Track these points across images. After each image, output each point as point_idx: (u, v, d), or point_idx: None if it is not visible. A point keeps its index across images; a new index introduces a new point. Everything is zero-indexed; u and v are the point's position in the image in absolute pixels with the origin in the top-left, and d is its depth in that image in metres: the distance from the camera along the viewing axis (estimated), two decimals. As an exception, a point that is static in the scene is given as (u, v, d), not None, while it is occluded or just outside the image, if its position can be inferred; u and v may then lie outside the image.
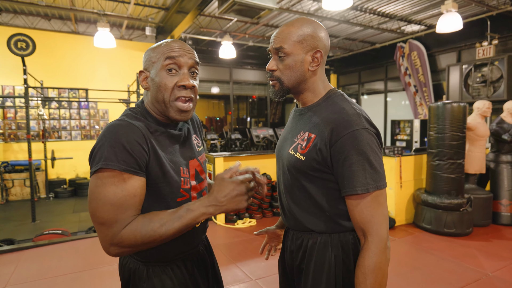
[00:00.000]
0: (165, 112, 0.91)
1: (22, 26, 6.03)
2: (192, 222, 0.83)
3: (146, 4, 5.67)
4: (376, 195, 0.86)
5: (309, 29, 0.93)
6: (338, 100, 0.95)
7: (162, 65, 0.88)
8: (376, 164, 0.86)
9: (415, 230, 3.85)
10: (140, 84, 0.94)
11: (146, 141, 0.84)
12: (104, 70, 6.76)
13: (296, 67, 0.94)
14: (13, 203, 5.76)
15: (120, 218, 0.79)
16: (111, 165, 0.78)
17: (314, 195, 0.94)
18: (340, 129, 0.86)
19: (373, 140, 0.87)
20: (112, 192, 0.78)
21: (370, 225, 0.85)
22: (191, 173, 0.97)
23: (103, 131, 0.83)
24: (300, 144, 0.95)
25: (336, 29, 6.95)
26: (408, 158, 4.06)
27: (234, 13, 4.56)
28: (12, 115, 6.10)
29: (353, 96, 9.73)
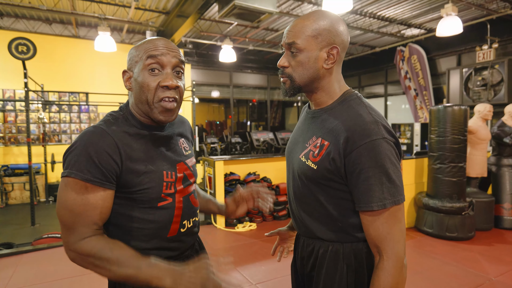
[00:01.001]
0: (149, 113, 0.87)
1: (23, 30, 6.05)
2: (145, 280, 0.77)
3: (146, 9, 5.69)
4: (393, 211, 0.79)
5: (325, 22, 0.84)
6: (355, 104, 0.87)
7: (144, 65, 0.84)
8: (395, 177, 0.79)
9: (417, 234, 3.82)
10: (124, 84, 0.90)
11: (118, 150, 0.81)
12: (104, 74, 6.77)
13: (310, 64, 0.85)
14: (12, 206, 5.74)
15: (78, 228, 0.78)
16: (74, 174, 0.77)
17: (325, 205, 0.89)
18: (356, 138, 0.79)
19: (392, 151, 0.80)
20: (73, 199, 0.78)
21: (386, 242, 0.79)
22: (178, 176, 0.92)
23: (78, 137, 0.81)
24: (312, 151, 0.88)
25: (336, 33, 6.96)
26: (409, 162, 4.05)
27: (234, 17, 4.58)
28: (12, 118, 6.10)
29: (353, 100, 9.72)
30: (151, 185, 0.85)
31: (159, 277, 0.76)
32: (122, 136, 0.83)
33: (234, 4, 4.18)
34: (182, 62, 0.90)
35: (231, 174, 4.41)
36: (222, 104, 12.35)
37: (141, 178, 0.84)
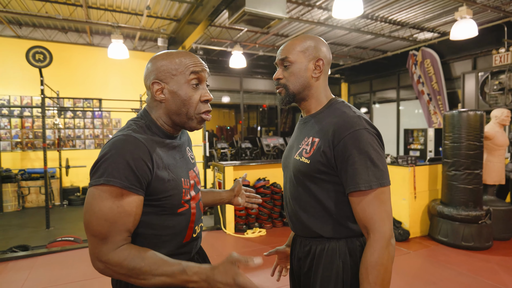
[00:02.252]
0: (186, 124, 0.92)
1: (40, 39, 6.25)
2: (180, 285, 0.78)
3: (158, 16, 5.80)
4: (379, 193, 0.88)
5: (310, 41, 1.01)
6: (340, 106, 1.01)
7: (187, 80, 0.88)
8: (378, 162, 0.89)
9: (431, 242, 3.72)
10: (153, 95, 0.89)
11: (151, 157, 0.82)
12: (117, 80, 6.91)
13: (300, 73, 1.00)
14: (29, 210, 5.88)
15: (112, 237, 0.78)
16: (113, 182, 0.77)
17: (320, 199, 0.97)
18: (341, 130, 0.91)
19: (373, 140, 0.91)
20: (109, 207, 0.77)
21: (372, 222, 0.87)
22: (191, 183, 0.96)
23: (108, 144, 0.81)
24: (305, 148, 0.99)
25: (347, 37, 6.93)
26: (422, 168, 3.96)
27: (244, 23, 4.61)
28: (29, 124, 6.28)
29: (365, 105, 9.63)
30: (174, 192, 0.88)
31: (194, 281, 0.77)
32: (151, 144, 0.85)
33: (244, 11, 4.21)
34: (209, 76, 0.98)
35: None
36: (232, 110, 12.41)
37: (166, 185, 0.86)
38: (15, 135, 6.16)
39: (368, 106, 9.38)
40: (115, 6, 5.41)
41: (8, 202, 5.80)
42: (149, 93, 0.93)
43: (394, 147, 8.52)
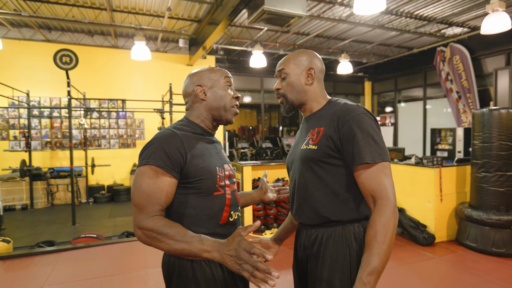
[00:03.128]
0: (224, 116, 1.16)
1: (68, 42, 6.51)
2: (196, 253, 0.91)
3: (179, 17, 5.89)
4: (382, 166, 0.97)
5: (303, 55, 1.17)
6: (340, 101, 1.13)
7: (223, 82, 1.17)
8: (379, 141, 1.00)
9: (458, 248, 3.53)
10: (197, 95, 1.15)
11: (184, 146, 1.03)
12: (140, 81, 7.08)
13: (295, 82, 1.15)
14: (57, 206, 6.14)
15: (148, 208, 0.96)
16: (151, 162, 0.98)
17: (328, 182, 1.05)
18: (345, 115, 1.03)
19: (373, 122, 1.03)
20: (146, 183, 0.98)
21: (380, 190, 0.95)
22: (226, 174, 1.14)
23: (154, 136, 1.04)
24: (311, 137, 1.10)
25: (370, 34, 6.73)
26: (450, 169, 3.76)
27: (263, 22, 4.57)
28: (58, 124, 6.56)
29: (389, 104, 9.33)
30: (208, 176, 1.06)
31: (208, 251, 0.90)
32: (187, 137, 1.07)
33: (263, 10, 4.18)
34: None
35: (259, 179, 4.38)
36: (254, 110, 12.41)
37: (200, 170, 1.05)
38: (45, 135, 6.45)
39: (393, 105, 9.08)
40: (138, 8, 5.54)
41: (38, 199, 6.09)
42: (190, 99, 1.18)
43: (420, 147, 8.20)
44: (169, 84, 5.77)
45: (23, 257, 3.34)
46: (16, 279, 2.86)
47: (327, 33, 6.66)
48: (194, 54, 6.79)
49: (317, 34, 6.63)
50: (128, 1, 5.23)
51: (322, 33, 6.59)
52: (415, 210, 3.91)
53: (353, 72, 8.82)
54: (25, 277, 2.89)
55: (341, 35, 6.81)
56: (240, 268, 0.84)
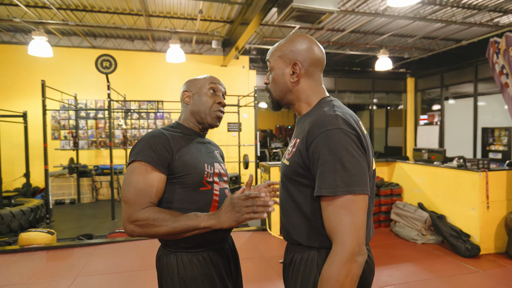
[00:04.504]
0: (204, 119, 1.22)
1: (111, 48, 6.93)
2: (194, 225, 0.99)
3: (212, 19, 5.98)
4: (346, 201, 0.79)
5: (289, 44, 0.99)
6: (325, 105, 0.95)
7: (207, 88, 1.23)
8: (350, 166, 0.80)
9: (507, 262, 3.16)
10: (183, 100, 1.25)
11: (170, 144, 1.09)
12: (176, 83, 7.32)
13: (279, 79, 1.01)
14: (101, 202, 6.58)
15: (139, 201, 1.00)
16: (139, 157, 1.04)
17: (300, 204, 0.92)
18: (314, 130, 0.85)
19: (348, 141, 0.82)
20: (136, 179, 1.02)
21: (335, 232, 0.80)
22: (215, 171, 1.20)
23: (142, 136, 1.11)
24: (289, 150, 0.99)
25: (411, 27, 6.30)
26: (499, 174, 3.38)
27: (293, 19, 4.48)
28: (102, 125, 7.02)
29: (435, 101, 8.67)
30: (195, 172, 1.12)
31: (205, 220, 0.99)
32: (174, 136, 1.14)
33: (291, 7, 4.09)
34: (225, 93, 1.31)
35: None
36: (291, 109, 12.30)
37: (186, 165, 1.10)
38: (91, 135, 6.94)
39: (439, 102, 8.44)
40: (173, 12, 5.72)
41: (84, 194, 6.57)
42: (181, 104, 1.27)
43: (469, 148, 7.52)
44: (202, 85, 5.88)
45: (64, 248, 3.60)
46: (55, 269, 3.09)
47: (363, 28, 6.36)
48: (228, 55, 6.87)
49: (353, 30, 6.35)
50: (163, 6, 5.42)
51: (358, 28, 6.31)
52: (457, 218, 3.58)
53: (393, 68, 8.34)
54: (63, 268, 3.11)
55: (379, 30, 6.46)
56: (239, 214, 0.95)
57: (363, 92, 9.01)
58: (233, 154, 7.63)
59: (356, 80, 8.76)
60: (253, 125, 7.10)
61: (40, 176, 6.26)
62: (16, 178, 6.21)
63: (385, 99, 9.47)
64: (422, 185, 4.08)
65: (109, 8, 5.43)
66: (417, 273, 2.95)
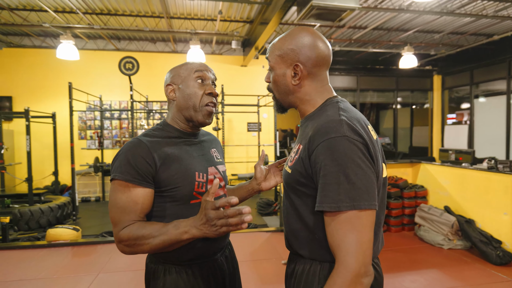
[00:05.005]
0: (194, 117, 1.04)
1: (134, 50, 7.11)
2: (176, 239, 0.88)
3: (232, 20, 6.00)
4: (351, 217, 0.71)
5: (289, 42, 0.89)
6: (329, 107, 0.87)
7: (193, 78, 1.05)
8: (356, 179, 0.72)
9: (544, 271, 2.95)
10: (167, 95, 1.07)
11: (151, 155, 0.96)
12: (198, 84, 7.39)
13: (280, 81, 0.92)
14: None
15: (122, 220, 0.93)
16: (118, 176, 0.94)
17: (302, 215, 0.85)
18: (317, 137, 0.77)
19: (354, 150, 0.74)
20: (119, 198, 0.94)
21: (338, 250, 0.72)
22: (209, 178, 1.06)
23: (121, 148, 0.99)
24: (291, 157, 0.90)
25: (438, 23, 6.04)
26: (534, 176, 3.16)
27: (313, 18, 4.41)
28: (126, 125, 7.22)
29: (464, 100, 8.28)
30: (184, 184, 0.99)
31: (186, 231, 0.87)
32: (156, 143, 1.00)
33: (311, 5, 4.03)
34: (215, 79, 1.12)
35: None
36: (310, 108, 12.14)
37: (175, 177, 0.98)
38: (115, 135, 7.16)
39: (468, 100, 8.05)
40: (193, 14, 5.79)
41: (108, 192, 6.77)
42: (167, 99, 1.10)
43: (501, 149, 7.12)
44: (221, 85, 5.92)
45: (88, 245, 3.72)
46: (79, 265, 3.20)
47: (386, 24, 6.16)
48: (247, 55, 6.87)
49: (375, 27, 6.17)
50: (184, 8, 5.50)
51: (381, 25, 6.12)
52: (487, 223, 3.38)
53: (419, 65, 8.05)
54: (86, 264, 3.22)
55: (404, 26, 6.24)
56: (217, 228, 0.82)
57: (386, 90, 8.75)
58: (252, 154, 7.63)
59: (379, 78, 8.52)
60: (273, 125, 7.07)
61: (68, 174, 6.52)
62: (46, 176, 6.50)
63: (410, 97, 9.15)
64: (449, 187, 3.89)
65: (132, 11, 5.57)
66: (443, 280, 2.81)
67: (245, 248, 3.54)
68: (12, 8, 5.21)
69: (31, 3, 5.13)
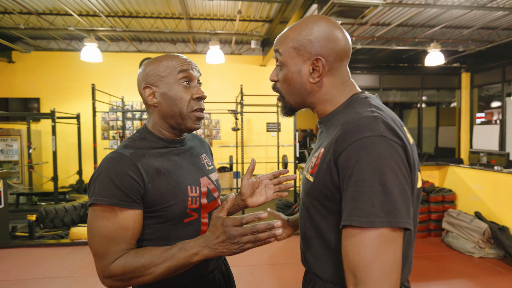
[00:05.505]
0: (181, 124, 0.90)
1: (155, 51, 7.21)
2: (185, 263, 0.77)
3: (251, 19, 5.95)
4: (386, 235, 0.58)
5: (307, 32, 0.75)
6: (358, 104, 0.73)
7: (176, 79, 0.88)
8: (393, 189, 0.59)
9: None
10: (146, 100, 0.90)
11: (138, 170, 0.81)
12: (216, 83, 7.42)
13: (293, 79, 0.77)
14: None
15: (111, 251, 0.79)
16: (100, 200, 0.78)
17: (323, 232, 0.73)
18: (346, 137, 0.64)
19: (393, 154, 0.61)
20: (104, 225, 0.79)
21: (363, 273, 0.58)
22: (202, 191, 0.93)
23: (99, 165, 0.83)
24: (312, 162, 0.76)
25: (468, 17, 5.74)
26: None
27: (335, 15, 4.29)
28: (147, 125, 7.34)
29: (495, 98, 7.85)
30: (176, 201, 0.86)
31: (196, 253, 0.76)
32: (141, 156, 0.85)
33: (333, 2, 3.93)
34: (200, 75, 0.96)
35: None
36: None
37: (165, 195, 0.85)
38: (136, 135, 7.29)
39: (499, 98, 7.63)
40: (212, 14, 5.79)
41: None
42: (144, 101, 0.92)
43: (537, 150, 6.69)
44: (240, 85, 5.90)
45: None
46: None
47: (411, 21, 5.92)
48: (267, 55, 6.81)
49: (400, 23, 5.95)
50: (203, 8, 5.50)
51: (405, 21, 5.89)
52: (523, 230, 3.16)
53: (446, 63, 7.69)
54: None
55: (430, 22, 5.98)
56: (239, 246, 0.73)
57: (410, 89, 8.44)
58: (271, 154, 7.56)
59: (403, 76, 8.23)
60: (292, 125, 6.97)
61: (91, 173, 6.70)
62: (71, 175, 6.70)
63: (435, 96, 8.78)
64: (479, 192, 3.67)
65: (152, 13, 5.64)
66: (474, 291, 2.64)
67: (263, 251, 3.48)
68: (39, 12, 5.40)
69: (57, 8, 5.29)
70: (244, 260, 3.21)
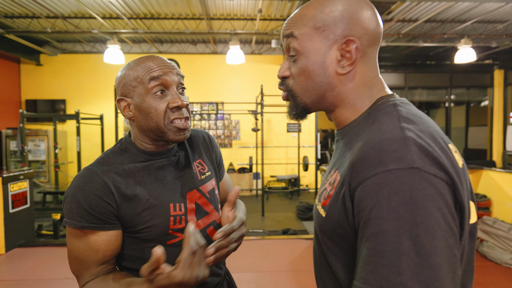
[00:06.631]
0: (162, 137, 0.80)
1: (176, 52, 7.26)
2: None
3: (272, 18, 5.86)
4: None
5: (331, 7, 0.56)
6: (383, 114, 0.55)
7: (147, 89, 0.77)
8: (431, 247, 0.41)
9: None
10: (122, 114, 0.82)
11: (109, 190, 0.75)
12: (236, 84, 7.38)
13: (314, 71, 0.58)
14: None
15: (83, 274, 0.77)
16: (69, 223, 0.75)
17: (338, 274, 0.57)
18: (363, 167, 0.47)
19: (432, 195, 0.42)
20: (76, 246, 0.76)
21: None
22: (189, 208, 0.83)
23: (71, 183, 0.78)
24: (326, 190, 0.59)
25: (502, 11, 5.39)
26: None
27: (359, 12, 4.14)
28: (167, 126, 7.41)
29: (532, 97, 7.36)
30: (155, 222, 0.78)
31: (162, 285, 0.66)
32: (115, 174, 0.78)
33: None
34: (183, 77, 0.83)
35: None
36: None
37: (143, 215, 0.78)
38: (157, 135, 7.37)
39: (536, 98, 7.15)
40: (233, 14, 5.74)
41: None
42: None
43: None
44: (261, 86, 5.82)
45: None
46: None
47: (440, 16, 5.63)
48: (287, 54, 6.69)
49: (428, 19, 5.67)
50: (223, 8, 5.46)
51: (434, 16, 5.61)
52: None
53: (477, 59, 7.30)
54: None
55: (460, 17, 5.66)
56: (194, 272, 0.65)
57: (438, 88, 8.06)
58: (292, 155, 7.44)
59: (430, 75, 7.87)
60: (313, 125, 6.82)
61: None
62: (95, 174, 6.86)
63: (465, 95, 8.35)
64: (518, 198, 3.41)
65: (173, 14, 5.66)
66: (514, 308, 2.43)
67: (284, 257, 3.38)
68: (65, 16, 5.54)
69: (81, 11, 5.41)
70: (265, 266, 3.13)
